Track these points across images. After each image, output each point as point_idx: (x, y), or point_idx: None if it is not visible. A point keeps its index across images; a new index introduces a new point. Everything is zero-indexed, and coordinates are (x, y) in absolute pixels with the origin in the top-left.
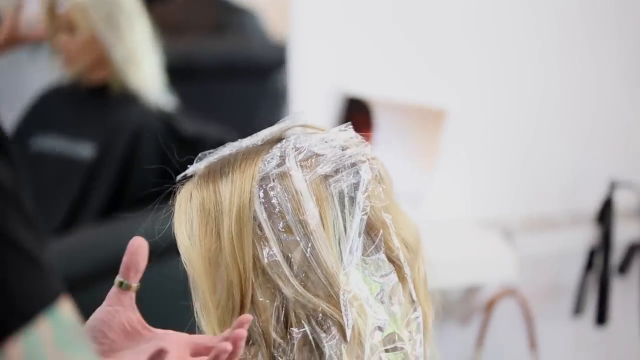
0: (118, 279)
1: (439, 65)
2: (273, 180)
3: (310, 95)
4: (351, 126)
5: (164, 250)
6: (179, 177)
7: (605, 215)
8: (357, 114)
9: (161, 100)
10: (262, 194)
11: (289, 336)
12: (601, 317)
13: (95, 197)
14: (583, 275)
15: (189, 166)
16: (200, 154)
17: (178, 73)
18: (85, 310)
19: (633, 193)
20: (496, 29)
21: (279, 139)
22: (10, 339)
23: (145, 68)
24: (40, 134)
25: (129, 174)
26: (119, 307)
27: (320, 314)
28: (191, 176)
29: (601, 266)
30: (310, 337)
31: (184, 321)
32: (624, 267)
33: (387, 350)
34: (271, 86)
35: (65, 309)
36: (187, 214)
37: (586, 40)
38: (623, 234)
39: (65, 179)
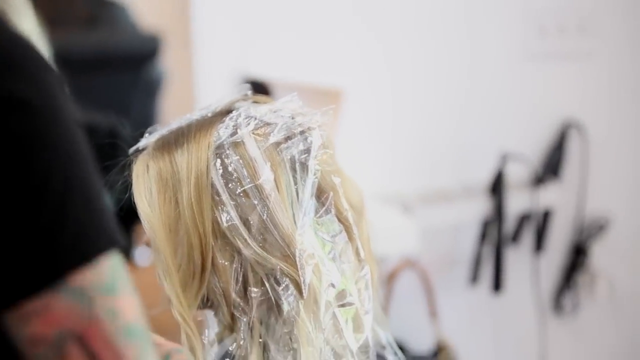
0: None
1: (334, 45)
2: (228, 148)
3: (212, 78)
4: (296, 96)
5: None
6: (130, 150)
7: (497, 187)
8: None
9: None
10: (218, 162)
11: (248, 296)
12: (497, 284)
13: None
14: (478, 246)
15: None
16: (149, 128)
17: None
18: None
19: (523, 165)
20: (387, 7)
21: (228, 111)
22: (102, 255)
23: None
24: None
25: None
26: None
27: (278, 273)
28: (143, 149)
29: (495, 236)
30: (270, 295)
31: None
32: (516, 236)
33: (339, 306)
34: (144, 77)
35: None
36: (146, 184)
37: (474, 14)
38: (515, 205)
39: None
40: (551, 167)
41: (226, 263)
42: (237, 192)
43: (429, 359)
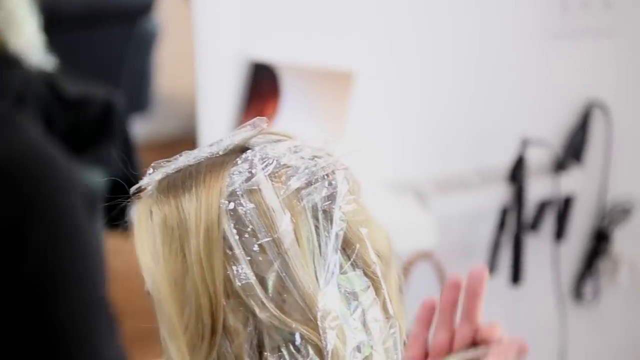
0: None
1: (344, 26)
2: (242, 196)
3: (216, 62)
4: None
5: None
6: (132, 189)
7: (517, 173)
8: (264, 80)
9: (42, 62)
10: (231, 212)
11: None
12: (515, 276)
13: None
14: (496, 234)
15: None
16: (153, 164)
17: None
18: None
19: (544, 150)
20: None
21: (242, 149)
22: None
23: (25, 30)
24: None
25: None
26: None
27: (298, 338)
28: (145, 189)
29: (514, 224)
30: None
31: None
32: (535, 224)
33: None
34: (138, 31)
35: None
36: (149, 232)
37: None
38: (535, 191)
39: None
40: (573, 150)
41: (240, 325)
42: (252, 247)
43: None
